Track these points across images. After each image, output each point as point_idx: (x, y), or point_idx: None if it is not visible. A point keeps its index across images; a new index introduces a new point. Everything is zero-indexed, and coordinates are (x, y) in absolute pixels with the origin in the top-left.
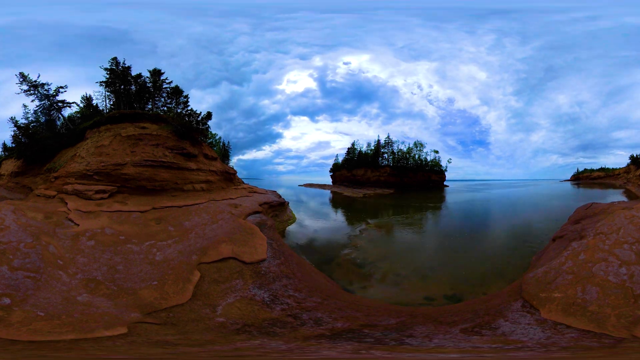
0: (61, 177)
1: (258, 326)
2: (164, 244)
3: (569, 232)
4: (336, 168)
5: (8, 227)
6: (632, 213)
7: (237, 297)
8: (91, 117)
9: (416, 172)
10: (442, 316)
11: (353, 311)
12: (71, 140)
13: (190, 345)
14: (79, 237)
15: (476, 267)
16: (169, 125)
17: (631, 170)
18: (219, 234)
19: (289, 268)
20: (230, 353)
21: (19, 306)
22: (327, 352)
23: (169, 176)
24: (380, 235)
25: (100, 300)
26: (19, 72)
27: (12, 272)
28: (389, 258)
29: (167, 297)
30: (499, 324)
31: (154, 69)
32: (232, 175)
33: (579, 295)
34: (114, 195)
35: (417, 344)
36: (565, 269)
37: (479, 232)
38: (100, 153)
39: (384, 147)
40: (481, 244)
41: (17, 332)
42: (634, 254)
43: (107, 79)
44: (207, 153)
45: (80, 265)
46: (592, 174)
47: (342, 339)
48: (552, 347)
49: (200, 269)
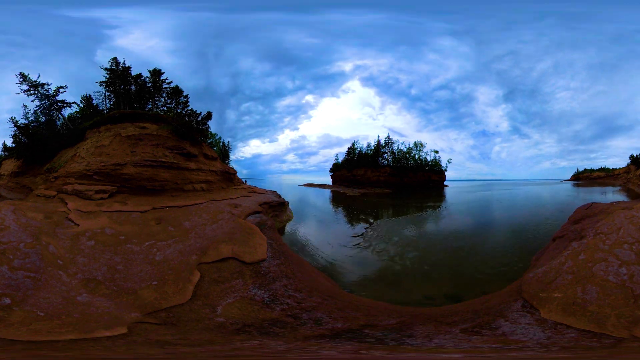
0: (61, 177)
1: (258, 326)
2: (164, 244)
3: (569, 232)
4: (336, 168)
5: (8, 227)
6: (632, 213)
7: (237, 297)
8: (91, 117)
9: (416, 172)
10: (442, 316)
11: (353, 311)
12: (71, 140)
13: (190, 345)
14: (79, 237)
15: (476, 267)
16: (169, 125)
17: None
18: (219, 234)
19: (289, 268)
20: (230, 353)
21: (19, 306)
22: (327, 352)
23: (169, 176)
24: (380, 235)
25: (100, 300)
26: (19, 72)
27: (12, 272)
28: (389, 257)
29: (167, 297)
30: (499, 324)
31: (154, 69)
32: (232, 175)
33: (579, 295)
34: (114, 195)
35: (417, 344)
36: (565, 269)
37: (479, 232)
38: (100, 153)
39: (384, 147)
40: (481, 244)
41: (17, 332)
42: (634, 254)
43: (107, 79)
44: (207, 153)
45: (80, 265)
46: (592, 174)
47: (342, 339)
48: (552, 347)
49: (200, 269)
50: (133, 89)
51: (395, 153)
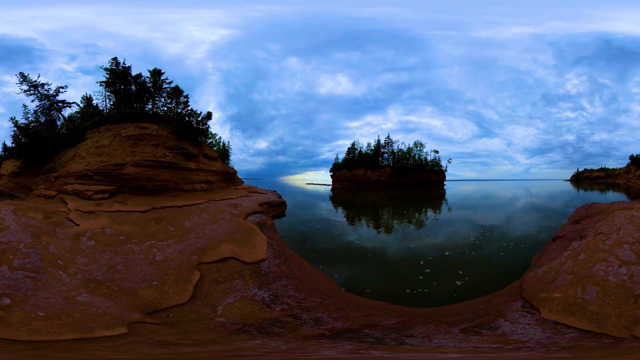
0: (61, 177)
1: (258, 326)
2: (164, 244)
3: (569, 232)
4: (336, 168)
5: (8, 227)
6: (632, 213)
7: (237, 297)
8: (91, 117)
9: (416, 172)
10: (442, 316)
11: (353, 311)
12: (71, 140)
13: (191, 345)
14: (79, 237)
15: (476, 267)
16: (169, 125)
17: (631, 170)
18: (219, 234)
19: (289, 268)
20: (231, 353)
21: (19, 306)
22: (328, 352)
23: (169, 176)
24: (378, 235)
25: (100, 300)
26: (19, 72)
27: (12, 272)
28: (389, 257)
29: (167, 297)
30: (499, 324)
31: (154, 69)
32: (232, 175)
33: (579, 295)
34: (114, 195)
35: (417, 343)
36: (565, 269)
37: (479, 232)
38: (101, 153)
39: (384, 147)
40: (481, 243)
41: (17, 332)
42: (634, 254)
43: (107, 79)
44: (207, 153)
45: (80, 265)
46: (592, 174)
47: (342, 338)
48: (552, 347)
49: (200, 269)
50: (133, 89)
51: (395, 153)
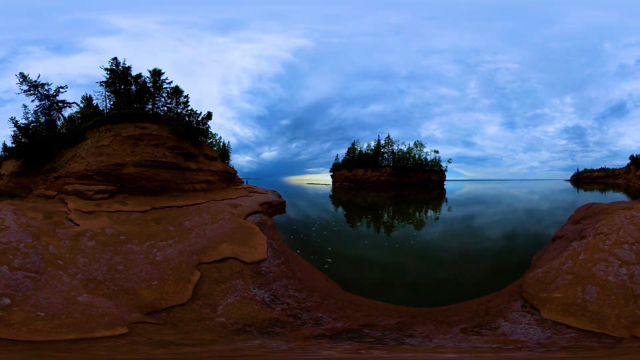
0: (61, 177)
1: (258, 326)
2: (164, 244)
3: (569, 232)
4: (336, 168)
5: (8, 227)
6: (632, 213)
7: (237, 297)
8: (91, 117)
9: (416, 172)
10: (442, 316)
11: (353, 311)
12: (71, 140)
13: (191, 345)
14: (79, 237)
15: (476, 267)
16: (169, 125)
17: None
18: (219, 233)
19: (289, 268)
20: (231, 353)
21: (19, 306)
22: (328, 352)
23: (169, 176)
24: (376, 234)
25: (100, 300)
26: (19, 72)
27: (12, 272)
28: (388, 256)
29: (167, 297)
30: (499, 324)
31: (154, 69)
32: (232, 175)
33: (579, 295)
34: (114, 195)
35: (417, 343)
36: (565, 269)
37: (479, 231)
38: (101, 153)
39: (384, 147)
40: (481, 243)
41: (17, 332)
42: (634, 254)
43: (107, 79)
44: (207, 153)
45: (80, 266)
46: (593, 174)
47: (342, 338)
48: (552, 347)
49: (201, 269)
50: (133, 89)
51: (396, 153)
